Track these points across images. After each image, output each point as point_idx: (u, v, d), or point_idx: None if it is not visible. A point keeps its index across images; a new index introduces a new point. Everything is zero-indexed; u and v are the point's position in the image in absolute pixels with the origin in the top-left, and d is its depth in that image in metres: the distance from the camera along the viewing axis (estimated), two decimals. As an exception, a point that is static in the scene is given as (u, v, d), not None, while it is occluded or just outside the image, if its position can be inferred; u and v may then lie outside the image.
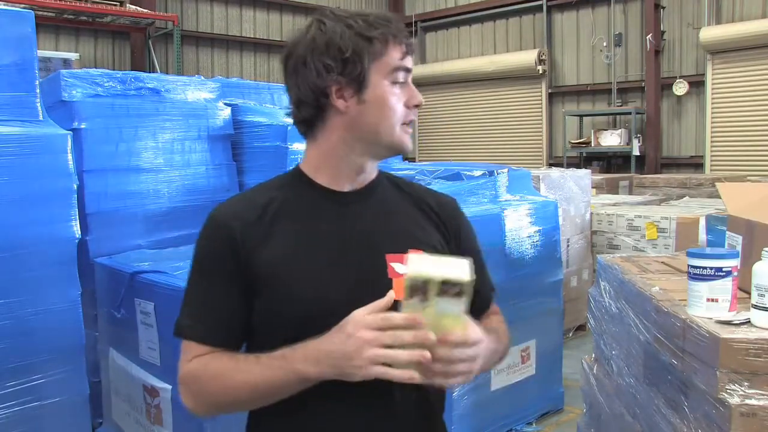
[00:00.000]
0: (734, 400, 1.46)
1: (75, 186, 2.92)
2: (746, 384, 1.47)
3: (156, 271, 2.91)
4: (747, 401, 1.46)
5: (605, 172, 10.46)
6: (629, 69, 11.52)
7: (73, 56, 9.90)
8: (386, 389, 1.15)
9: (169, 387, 2.76)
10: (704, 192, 7.80)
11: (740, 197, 2.09)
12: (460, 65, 13.36)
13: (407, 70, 1.26)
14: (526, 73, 12.34)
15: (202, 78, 4.47)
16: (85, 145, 3.54)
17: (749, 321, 1.55)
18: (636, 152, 10.93)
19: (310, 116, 1.25)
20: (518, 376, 3.84)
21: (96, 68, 6.47)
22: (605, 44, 11.62)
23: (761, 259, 1.53)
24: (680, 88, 10.79)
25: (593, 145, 11.50)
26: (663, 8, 10.96)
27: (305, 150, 1.32)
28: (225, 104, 4.25)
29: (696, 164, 10.76)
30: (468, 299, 1.05)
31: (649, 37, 10.83)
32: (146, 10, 10.40)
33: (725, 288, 1.58)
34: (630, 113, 11.16)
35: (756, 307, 1.54)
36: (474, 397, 3.56)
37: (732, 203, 2.05)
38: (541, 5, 12.32)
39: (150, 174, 3.82)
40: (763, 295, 1.51)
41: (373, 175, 1.33)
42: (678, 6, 10.90)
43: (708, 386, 1.53)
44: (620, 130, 11.32)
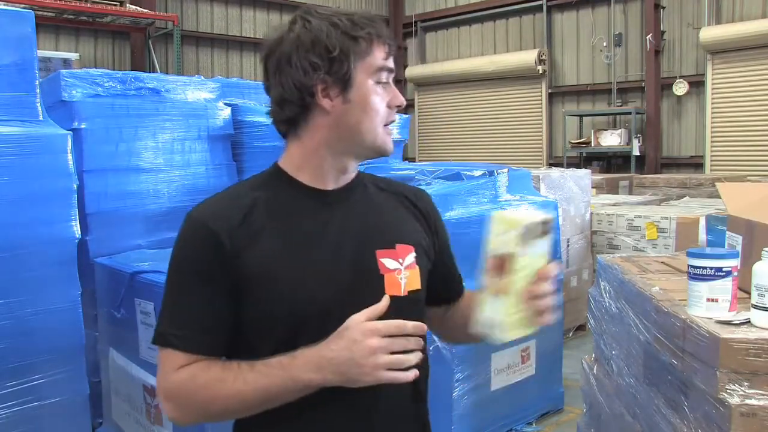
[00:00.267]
0: (734, 400, 1.46)
1: (75, 186, 2.92)
2: (746, 384, 1.47)
3: (156, 271, 2.91)
4: (747, 401, 1.46)
5: (605, 172, 10.46)
6: (629, 69, 11.52)
7: (73, 56, 9.89)
8: (383, 391, 1.15)
9: (169, 387, 2.76)
10: (704, 192, 7.80)
11: (740, 197, 2.09)
12: (460, 65, 13.36)
13: (390, 71, 1.25)
14: (526, 73, 12.34)
15: (202, 78, 4.47)
16: (85, 145, 3.54)
17: (749, 321, 1.55)
18: (636, 152, 10.94)
19: (294, 115, 1.23)
20: (518, 376, 3.84)
21: (96, 68, 6.47)
22: (605, 44, 11.62)
23: (761, 259, 1.53)
24: (680, 88, 10.79)
25: (593, 145, 11.50)
26: (663, 8, 10.96)
27: (286, 148, 1.29)
28: (225, 104, 4.25)
29: (696, 164, 10.76)
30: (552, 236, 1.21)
31: (649, 37, 10.83)
32: (146, 10, 10.40)
33: (725, 288, 1.58)
34: (630, 113, 11.16)
35: (756, 307, 1.54)
36: (474, 397, 3.56)
37: (732, 203, 2.05)
38: (541, 5, 12.32)
39: (150, 174, 3.82)
40: (763, 295, 1.51)
41: (354, 175, 1.31)
42: (678, 6, 10.90)
43: (708, 386, 1.53)
44: (620, 130, 11.32)
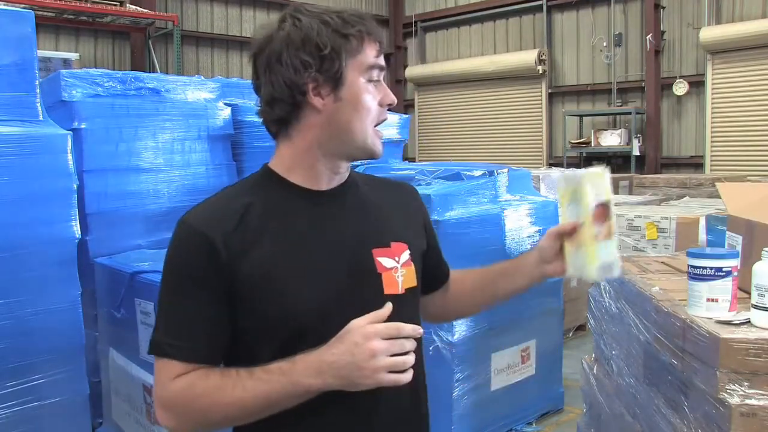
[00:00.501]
0: (734, 400, 1.46)
1: (75, 186, 2.92)
2: (746, 384, 1.47)
3: (156, 271, 2.91)
4: (747, 401, 1.46)
5: (605, 173, 10.44)
6: (629, 69, 11.52)
7: (73, 56, 9.89)
8: (383, 393, 1.14)
9: (169, 387, 2.76)
10: (704, 192, 7.80)
11: (740, 197, 2.09)
12: (460, 65, 13.36)
13: (381, 68, 1.24)
14: (526, 73, 12.34)
15: (202, 78, 4.47)
16: (85, 145, 3.55)
17: (749, 321, 1.55)
18: (636, 152, 10.93)
19: (285, 114, 1.21)
20: (518, 376, 3.84)
21: (96, 68, 6.47)
22: (605, 44, 11.62)
23: (761, 259, 1.53)
24: (680, 88, 10.79)
25: (593, 145, 11.50)
26: (663, 8, 10.96)
27: (276, 149, 1.28)
28: (225, 104, 4.25)
29: (696, 164, 10.76)
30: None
31: (649, 37, 10.83)
32: (146, 10, 10.39)
33: (725, 288, 1.57)
34: (630, 113, 11.16)
35: (756, 307, 1.54)
36: (474, 397, 3.56)
37: (732, 203, 2.05)
38: (541, 5, 12.31)
39: (150, 174, 3.83)
40: (763, 295, 1.51)
41: (347, 175, 1.31)
42: (678, 6, 10.89)
43: (708, 386, 1.53)
44: (620, 130, 11.32)
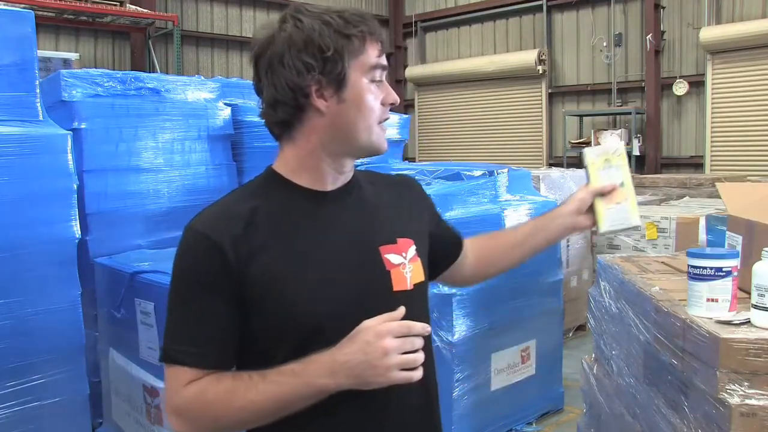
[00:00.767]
0: (734, 400, 1.46)
1: (75, 186, 2.92)
2: (746, 384, 1.47)
3: (156, 271, 2.91)
4: (747, 401, 1.45)
5: (605, 172, 10.43)
6: (629, 69, 11.51)
7: (73, 56, 9.88)
8: (394, 392, 1.15)
9: (169, 387, 2.76)
10: (704, 192, 7.79)
11: (740, 197, 2.09)
12: (460, 65, 13.35)
13: (384, 68, 1.24)
14: (526, 73, 12.33)
15: (202, 78, 4.47)
16: (85, 145, 3.54)
17: (749, 321, 1.55)
18: (636, 152, 10.92)
19: (288, 117, 1.21)
20: (518, 376, 3.84)
21: (96, 68, 6.46)
22: (605, 44, 11.61)
23: (761, 259, 1.53)
24: (680, 88, 10.79)
25: (593, 145, 11.48)
26: (663, 8, 10.95)
27: (280, 151, 1.28)
28: (225, 104, 4.25)
29: (696, 164, 10.76)
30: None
31: (649, 37, 10.83)
32: (146, 10, 10.39)
33: (725, 288, 1.57)
34: (630, 113, 11.15)
35: (756, 307, 1.53)
36: (474, 397, 3.56)
37: (732, 203, 2.05)
38: (541, 5, 12.31)
39: (150, 174, 3.83)
40: (763, 295, 1.51)
41: (351, 174, 1.31)
42: (678, 6, 10.89)
43: (708, 386, 1.53)
44: (620, 130, 11.31)
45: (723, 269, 1.56)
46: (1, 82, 2.73)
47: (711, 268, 1.57)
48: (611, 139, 2.05)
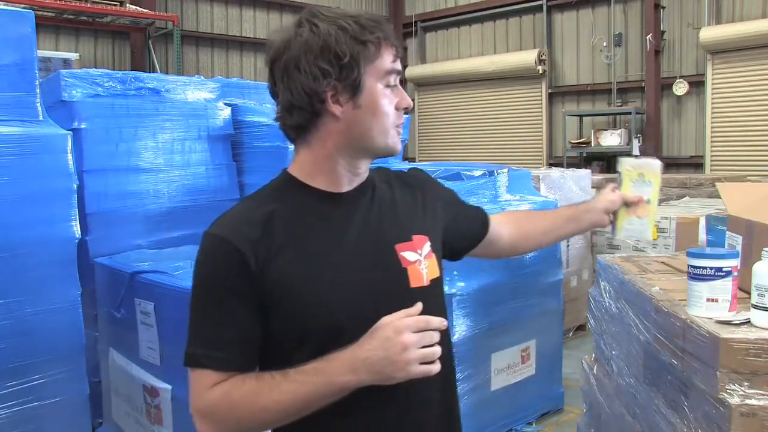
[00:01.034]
0: (734, 400, 1.46)
1: (75, 186, 2.92)
2: (746, 384, 1.47)
3: (156, 271, 2.91)
4: (747, 401, 1.45)
5: (605, 172, 10.44)
6: (629, 69, 11.51)
7: (73, 56, 9.88)
8: (415, 385, 1.17)
9: (169, 387, 2.76)
10: (704, 192, 7.79)
11: (740, 197, 2.09)
12: (460, 65, 13.35)
13: (398, 73, 1.25)
14: (526, 73, 12.33)
15: (202, 78, 4.47)
16: (85, 145, 3.55)
17: (749, 321, 1.55)
18: (636, 152, 10.92)
19: (304, 122, 1.21)
20: (518, 376, 3.84)
21: (96, 68, 6.46)
22: (605, 44, 11.61)
23: (761, 259, 1.53)
24: (680, 88, 10.79)
25: (593, 145, 11.49)
26: (663, 8, 10.95)
27: (294, 155, 1.28)
28: (225, 104, 4.25)
29: (696, 164, 10.76)
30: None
31: (649, 37, 10.83)
32: (146, 10, 10.39)
33: (725, 288, 1.57)
34: (630, 113, 11.15)
35: (756, 307, 1.53)
36: (474, 397, 3.56)
37: (732, 203, 2.05)
38: (541, 5, 12.30)
39: (150, 174, 3.83)
40: (763, 295, 1.51)
41: (366, 175, 1.32)
42: (678, 6, 10.89)
43: (708, 386, 1.53)
44: (620, 130, 11.31)
45: (723, 269, 1.56)
46: (1, 82, 2.73)
47: (711, 268, 1.57)
48: (652, 159, 2.07)
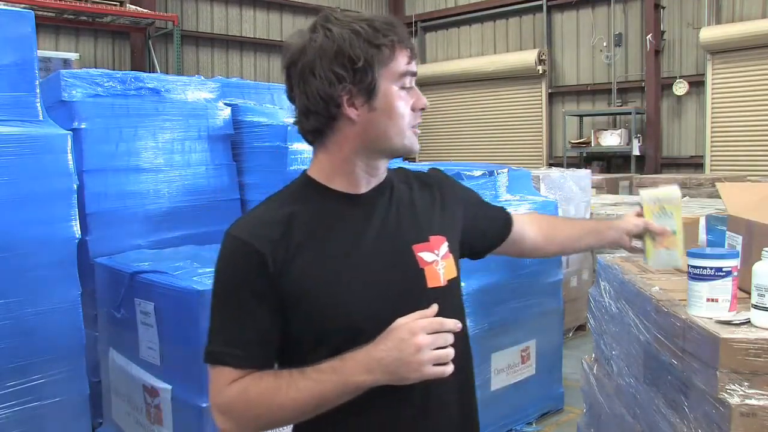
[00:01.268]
0: (734, 400, 1.46)
1: (75, 186, 2.92)
2: (746, 384, 1.47)
3: (156, 271, 2.91)
4: (747, 401, 1.45)
5: (605, 172, 10.45)
6: (629, 69, 11.52)
7: (73, 56, 9.89)
8: (431, 385, 1.18)
9: (169, 387, 2.76)
10: (704, 192, 7.80)
11: (740, 197, 2.09)
12: (460, 65, 13.36)
13: (413, 74, 1.26)
14: (526, 73, 12.34)
15: (202, 78, 4.47)
16: (85, 145, 3.54)
17: (749, 321, 1.55)
18: (636, 152, 10.93)
19: (321, 126, 1.23)
20: (518, 376, 3.83)
21: (96, 68, 6.47)
22: (605, 44, 11.62)
23: (761, 259, 1.53)
24: (680, 88, 10.79)
25: (593, 145, 11.49)
26: (663, 8, 10.96)
27: (313, 157, 1.30)
28: (225, 104, 4.25)
29: (696, 164, 10.76)
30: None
31: (649, 37, 10.83)
32: (146, 10, 10.40)
33: (725, 288, 1.57)
34: (630, 113, 11.16)
35: (756, 307, 1.53)
36: (474, 397, 3.56)
37: (732, 203, 2.04)
38: (541, 5, 12.32)
39: (150, 174, 3.82)
40: (763, 295, 1.51)
41: (384, 175, 1.33)
42: (678, 6, 10.90)
43: (708, 386, 1.53)
44: (620, 130, 11.32)
45: (723, 269, 1.56)
46: (1, 82, 2.73)
47: (711, 268, 1.57)
48: (672, 187, 1.93)
